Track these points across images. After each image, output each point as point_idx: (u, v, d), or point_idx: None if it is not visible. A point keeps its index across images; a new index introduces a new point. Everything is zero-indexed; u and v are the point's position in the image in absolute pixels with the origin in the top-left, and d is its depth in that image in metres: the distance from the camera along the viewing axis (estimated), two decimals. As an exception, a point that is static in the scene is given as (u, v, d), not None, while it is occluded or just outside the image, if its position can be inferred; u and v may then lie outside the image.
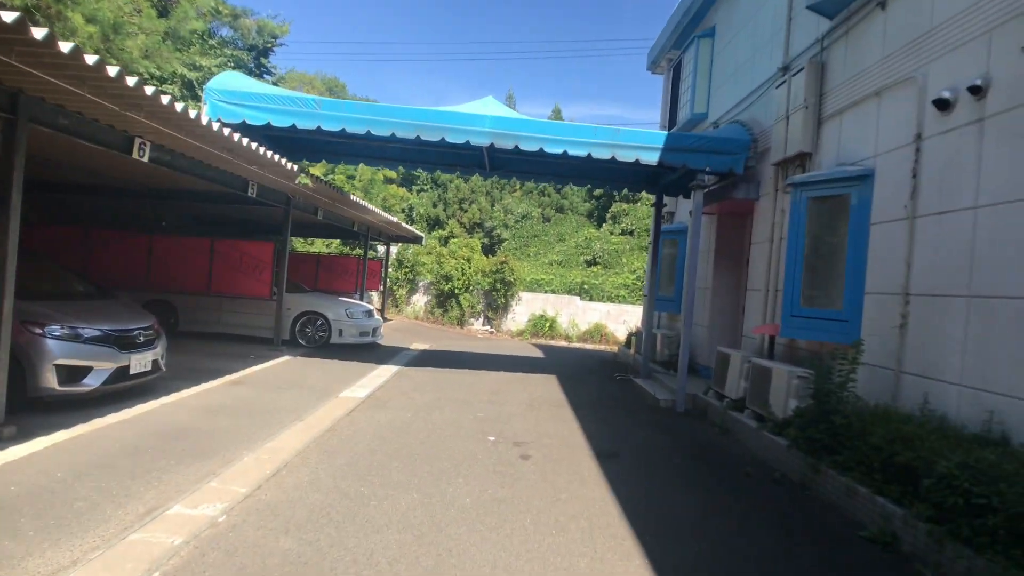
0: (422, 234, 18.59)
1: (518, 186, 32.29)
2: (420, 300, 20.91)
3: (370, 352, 11.61)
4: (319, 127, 7.86)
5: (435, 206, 30.54)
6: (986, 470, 3.46)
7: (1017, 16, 4.14)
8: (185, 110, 5.26)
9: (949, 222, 4.72)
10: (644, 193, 30.62)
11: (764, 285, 7.62)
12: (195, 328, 11.47)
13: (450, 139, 7.85)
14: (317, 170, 25.87)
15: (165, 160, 6.62)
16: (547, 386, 9.34)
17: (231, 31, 23.32)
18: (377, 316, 12.56)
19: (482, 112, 8.01)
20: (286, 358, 10.05)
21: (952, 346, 4.58)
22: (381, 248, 20.83)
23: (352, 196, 11.23)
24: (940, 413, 4.52)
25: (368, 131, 7.89)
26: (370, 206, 12.41)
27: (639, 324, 18.39)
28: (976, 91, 4.47)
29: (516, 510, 4.22)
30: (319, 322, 11.55)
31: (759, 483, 5.28)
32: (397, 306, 20.81)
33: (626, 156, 7.78)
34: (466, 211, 29.72)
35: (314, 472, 4.70)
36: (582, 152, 7.79)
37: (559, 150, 7.79)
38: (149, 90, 4.73)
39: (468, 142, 7.86)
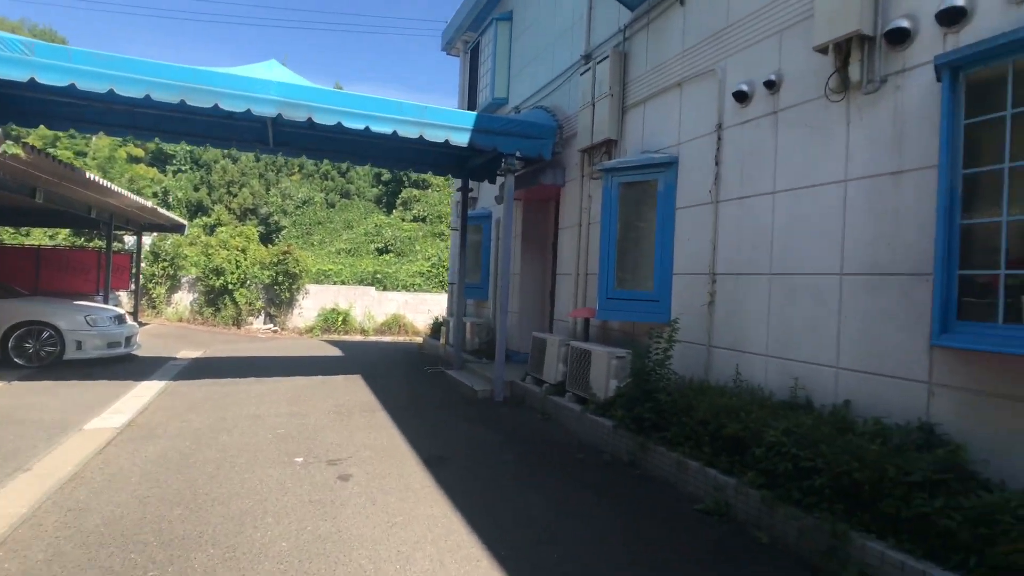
0: (184, 222, 15.88)
1: (297, 168, 29.80)
2: (185, 299, 18.00)
3: (125, 366, 9.48)
4: (33, 79, 5.94)
5: (197, 190, 26.66)
6: (807, 434, 3.75)
7: (806, 18, 4.59)
8: None
9: (750, 206, 5.15)
10: (437, 178, 30.56)
11: (574, 269, 7.79)
12: None
13: (226, 106, 6.53)
14: (35, 141, 20.70)
15: None
16: (354, 388, 8.50)
17: None
18: (131, 322, 10.33)
19: (267, 76, 6.82)
20: (-4, 384, 7.67)
21: (758, 321, 5.02)
22: (130, 239, 17.43)
23: (89, 174, 8.97)
24: (752, 384, 4.93)
25: (111, 90, 6.18)
26: (116, 187, 10.09)
27: (443, 313, 18.17)
28: (770, 85, 4.90)
29: (347, 547, 3.54)
30: (45, 334, 9.06)
31: (592, 468, 5.27)
32: (155, 307, 17.64)
33: (435, 136, 7.28)
34: (235, 196, 26.48)
35: (53, 545, 3.43)
36: (387, 129, 7.10)
37: (360, 125, 6.98)
38: None
39: (250, 111, 6.62)
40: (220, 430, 5.99)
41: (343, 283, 19.56)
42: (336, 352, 12.92)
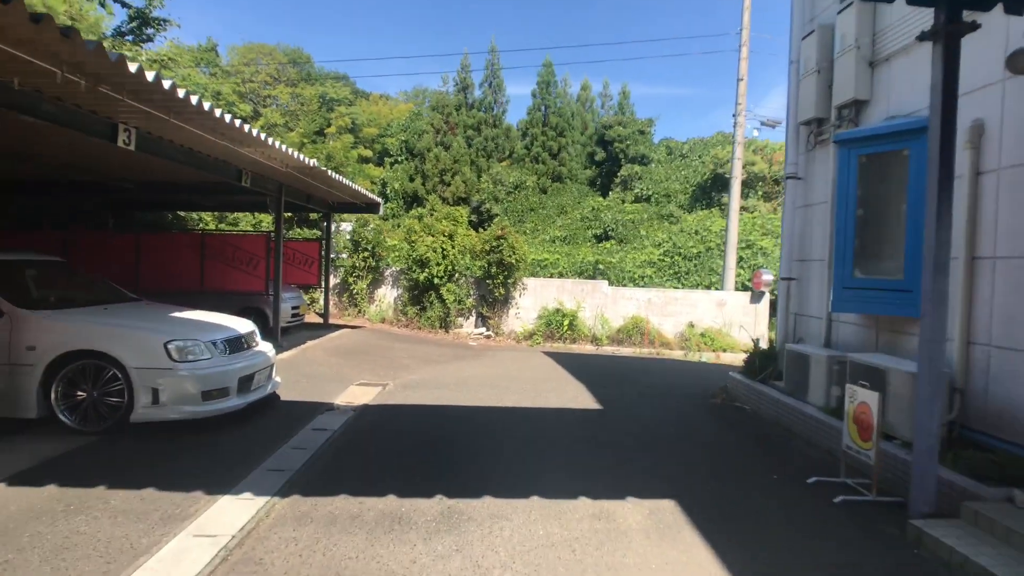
0: (379, 199, 11.46)
1: (507, 152, 25.17)
2: (389, 295, 13.85)
3: (228, 437, 4.66)
4: None
5: (412, 180, 23.29)
6: None
7: None
8: None
9: None
10: (658, 152, 23.69)
11: None
12: None
13: None
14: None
15: None
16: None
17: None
18: (263, 348, 5.56)
19: None
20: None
21: None
22: (345, 226, 13.68)
23: (182, 91, 4.19)
24: None
25: None
26: (241, 124, 5.34)
27: (757, 329, 11.66)
28: None
29: None
30: (108, 374, 4.54)
31: None
32: (356, 305, 13.72)
33: None
34: (449, 184, 22.55)
35: None
36: None
37: None
38: None
39: None
40: None
41: (560, 275, 13.99)
42: (583, 394, 7.12)
